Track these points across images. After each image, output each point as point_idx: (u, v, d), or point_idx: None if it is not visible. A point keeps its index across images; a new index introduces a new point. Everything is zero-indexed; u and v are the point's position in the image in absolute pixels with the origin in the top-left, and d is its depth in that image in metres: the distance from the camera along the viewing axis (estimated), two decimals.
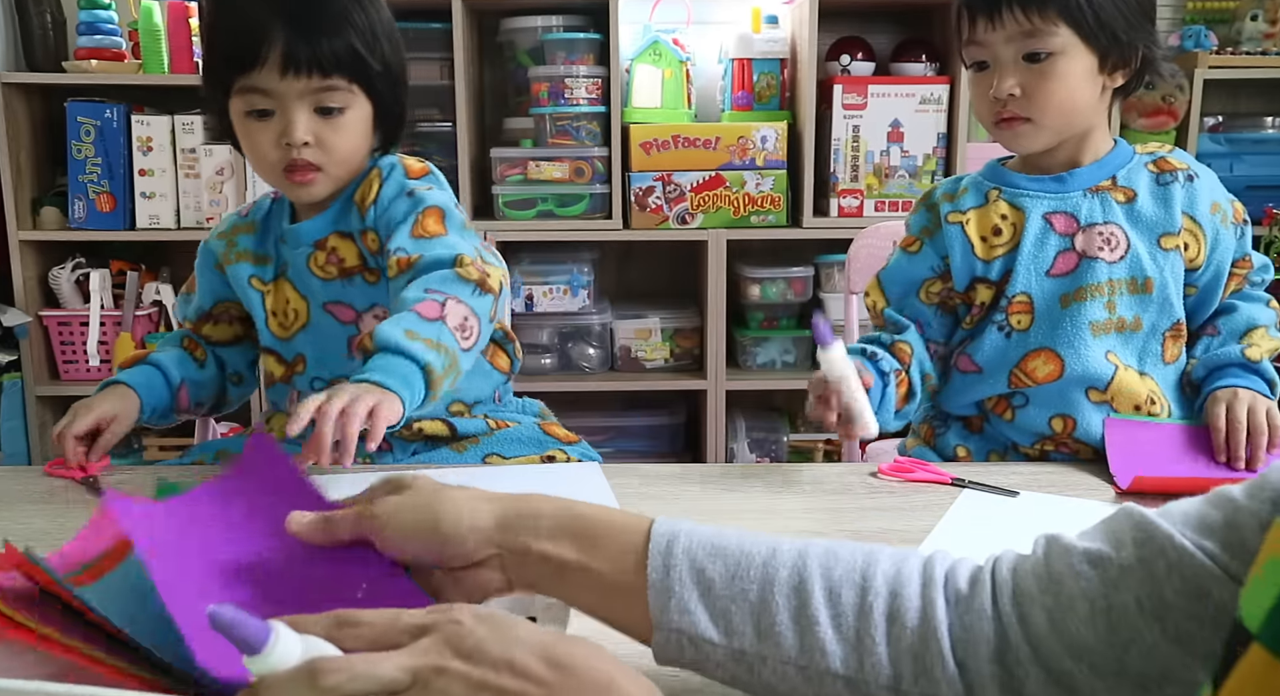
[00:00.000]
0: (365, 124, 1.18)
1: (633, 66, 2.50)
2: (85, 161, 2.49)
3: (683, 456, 2.62)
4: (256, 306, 1.24)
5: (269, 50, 1.10)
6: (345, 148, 1.16)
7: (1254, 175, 2.51)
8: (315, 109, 1.14)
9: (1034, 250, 1.21)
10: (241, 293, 1.26)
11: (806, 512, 1.01)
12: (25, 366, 2.53)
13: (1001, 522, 0.99)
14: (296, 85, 1.11)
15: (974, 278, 1.25)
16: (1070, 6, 1.14)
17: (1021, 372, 1.22)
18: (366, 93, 1.16)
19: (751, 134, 2.42)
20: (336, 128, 1.15)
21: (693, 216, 2.44)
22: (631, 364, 2.56)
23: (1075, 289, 1.20)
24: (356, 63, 1.13)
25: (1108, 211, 1.21)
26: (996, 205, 1.24)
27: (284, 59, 1.10)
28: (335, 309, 1.23)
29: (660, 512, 0.96)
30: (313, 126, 1.13)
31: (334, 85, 1.13)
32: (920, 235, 1.29)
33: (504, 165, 2.42)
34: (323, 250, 1.21)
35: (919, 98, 2.41)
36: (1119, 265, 1.20)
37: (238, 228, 1.28)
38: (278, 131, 1.13)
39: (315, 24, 1.11)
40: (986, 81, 1.19)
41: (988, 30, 1.16)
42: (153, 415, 1.20)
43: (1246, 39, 2.58)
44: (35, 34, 2.51)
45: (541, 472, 1.15)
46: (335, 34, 1.12)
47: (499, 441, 1.24)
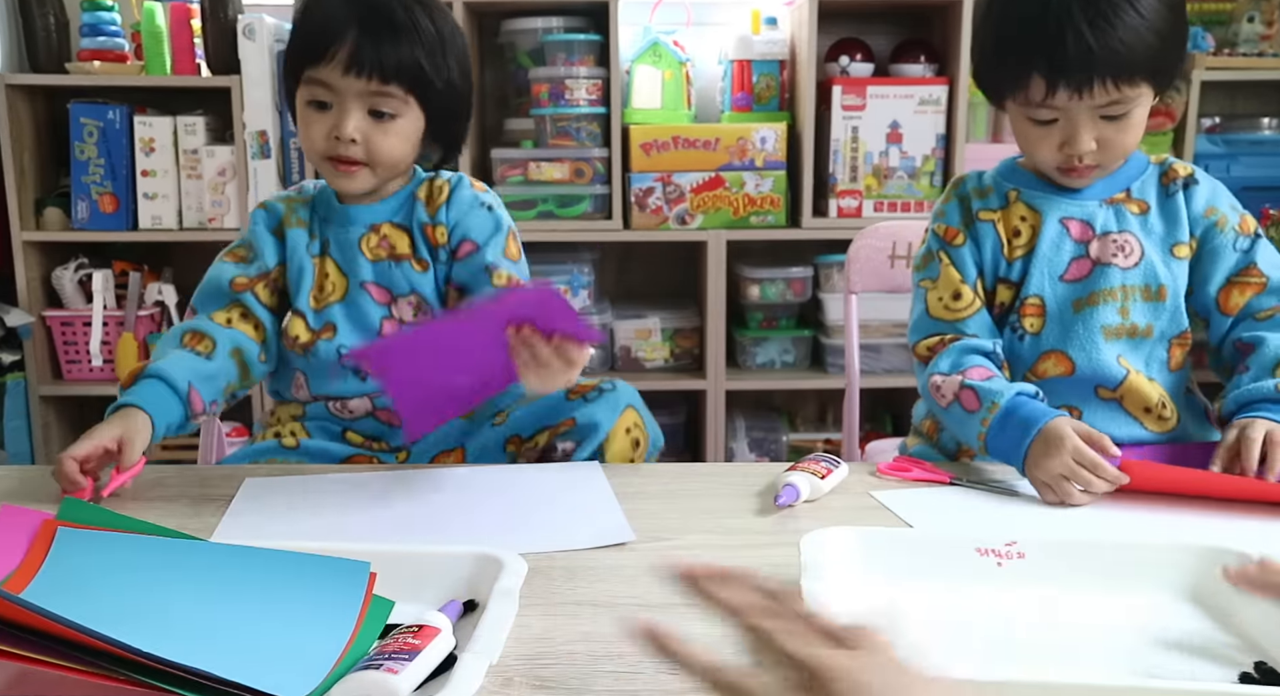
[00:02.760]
0: (415, 133, 1.23)
1: (633, 68, 2.51)
2: (88, 162, 2.50)
3: (683, 456, 2.63)
4: (307, 274, 1.28)
5: (338, 48, 1.16)
6: (390, 151, 1.21)
7: (1251, 176, 2.52)
8: (369, 111, 1.19)
9: (1050, 253, 1.21)
10: (297, 259, 1.29)
11: (807, 513, 1.01)
12: (28, 366, 2.54)
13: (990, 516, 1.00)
14: (356, 84, 1.17)
15: (998, 278, 1.25)
16: (1155, 68, 1.11)
17: (1033, 374, 1.22)
18: (421, 105, 1.21)
19: (751, 135, 2.43)
20: (385, 131, 1.20)
21: (693, 217, 2.45)
22: (631, 364, 2.57)
23: (1088, 294, 1.20)
24: (416, 74, 1.18)
25: (1122, 221, 1.21)
26: (1016, 207, 1.24)
27: (349, 58, 1.16)
28: (373, 289, 1.28)
29: (659, 512, 0.97)
30: (363, 126, 1.19)
31: (389, 91, 1.18)
32: (961, 228, 1.26)
33: (504, 166, 2.43)
34: (376, 233, 1.28)
35: (918, 99, 2.42)
36: (1133, 271, 1.20)
37: (293, 200, 1.32)
38: (330, 124, 1.19)
39: (385, 32, 1.16)
40: (1052, 135, 1.15)
41: (1072, 99, 1.10)
42: (169, 430, 1.16)
43: (1243, 40, 2.58)
44: (38, 35, 2.51)
45: (542, 472, 1.16)
46: (401, 44, 1.17)
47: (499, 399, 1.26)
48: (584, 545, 0.92)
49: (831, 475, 1.07)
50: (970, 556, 0.83)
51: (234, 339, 1.26)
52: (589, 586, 0.84)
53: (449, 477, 1.13)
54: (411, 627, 0.68)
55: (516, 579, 0.78)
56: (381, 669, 0.63)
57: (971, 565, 0.83)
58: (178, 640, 0.64)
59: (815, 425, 2.78)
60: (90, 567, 0.76)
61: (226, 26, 2.44)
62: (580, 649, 0.73)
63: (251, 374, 1.27)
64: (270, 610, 0.72)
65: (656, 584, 0.84)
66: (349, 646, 0.68)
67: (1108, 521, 0.99)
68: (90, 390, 2.54)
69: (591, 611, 0.79)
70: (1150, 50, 1.09)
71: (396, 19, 1.17)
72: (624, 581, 0.85)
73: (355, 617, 0.71)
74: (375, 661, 0.64)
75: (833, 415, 2.77)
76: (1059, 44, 1.08)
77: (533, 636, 0.75)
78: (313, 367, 1.28)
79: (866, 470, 1.14)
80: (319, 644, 0.68)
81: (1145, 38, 1.08)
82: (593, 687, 0.68)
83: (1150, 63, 1.10)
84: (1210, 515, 1.00)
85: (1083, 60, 1.08)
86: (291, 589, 0.73)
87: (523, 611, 0.77)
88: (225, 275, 1.29)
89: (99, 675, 0.61)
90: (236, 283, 1.28)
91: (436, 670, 0.66)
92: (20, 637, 0.61)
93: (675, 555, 0.90)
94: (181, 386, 1.18)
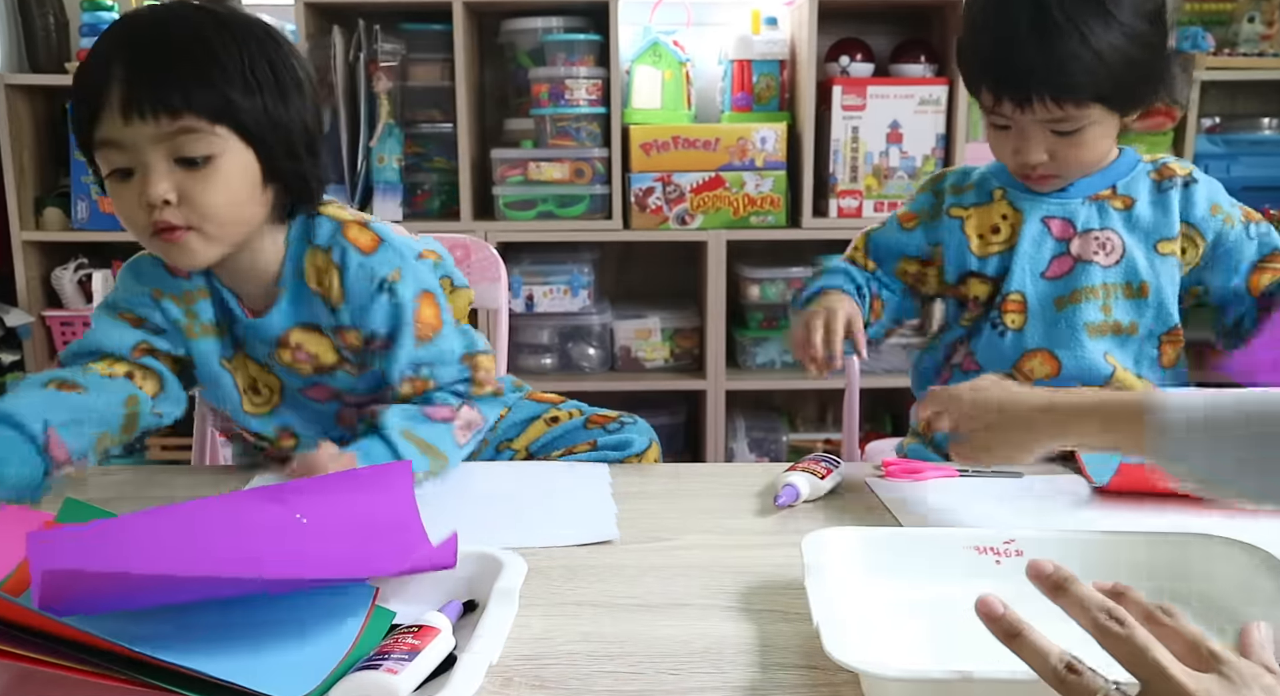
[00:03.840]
0: (247, 175, 1.01)
1: (633, 68, 2.50)
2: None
3: (683, 456, 2.63)
4: (228, 388, 1.13)
5: (109, 94, 0.95)
6: (217, 204, 0.99)
7: (1251, 176, 2.52)
8: (175, 160, 0.97)
9: (1031, 251, 1.23)
10: (209, 375, 1.13)
11: (807, 513, 1.01)
12: (28, 367, 2.53)
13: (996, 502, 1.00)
14: (145, 130, 0.95)
15: (967, 272, 1.27)
16: (1103, 92, 1.11)
17: (1019, 372, 1.24)
18: (243, 138, 0.99)
19: (751, 135, 2.43)
20: (204, 180, 0.98)
21: (693, 217, 2.45)
22: (631, 364, 2.56)
23: (1070, 291, 1.22)
24: (218, 100, 0.97)
25: (1105, 218, 1.23)
26: (999, 204, 1.26)
27: (123, 100, 0.95)
28: (313, 391, 1.16)
29: (659, 512, 0.97)
30: (175, 181, 0.97)
31: (189, 126, 0.96)
32: (920, 215, 1.32)
33: (504, 166, 2.43)
34: (286, 348, 1.11)
35: (918, 99, 2.42)
36: (1113, 269, 1.22)
37: (192, 295, 1.10)
38: (137, 191, 0.97)
39: (160, 59, 0.96)
40: (1009, 140, 1.17)
41: (1016, 112, 1.13)
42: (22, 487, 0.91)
43: (1244, 40, 2.58)
44: (38, 35, 2.51)
45: (548, 470, 1.16)
46: (185, 69, 0.96)
47: (502, 431, 1.25)
48: (567, 542, 0.92)
49: (831, 475, 1.06)
50: (969, 555, 0.84)
51: (118, 389, 1.06)
52: (589, 586, 0.84)
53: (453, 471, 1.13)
54: (411, 628, 0.68)
55: (516, 579, 0.77)
56: (381, 669, 0.63)
57: (971, 563, 0.83)
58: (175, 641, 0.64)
59: (815, 425, 2.77)
60: None
61: None
62: (580, 649, 0.73)
63: (138, 426, 1.07)
64: (272, 618, 0.71)
65: (657, 584, 0.84)
66: (348, 653, 0.68)
67: (1108, 520, 0.99)
68: None
69: (592, 611, 0.79)
70: (1096, 75, 1.09)
71: (173, 43, 0.97)
72: (624, 581, 0.85)
73: (357, 629, 0.71)
74: (375, 662, 0.64)
75: (833, 415, 2.77)
76: (1003, 58, 1.11)
77: (533, 636, 0.75)
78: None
79: (867, 470, 1.14)
80: (318, 650, 0.68)
81: (1089, 62, 1.08)
82: (593, 688, 0.68)
83: (1099, 86, 1.10)
84: (1210, 514, 1.00)
85: (1022, 77, 1.10)
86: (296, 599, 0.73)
87: (523, 611, 0.77)
88: (120, 341, 1.08)
89: (99, 675, 0.61)
90: (138, 348, 1.09)
91: (436, 670, 0.66)
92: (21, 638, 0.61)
93: (676, 555, 0.90)
94: (36, 431, 0.95)
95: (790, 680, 0.69)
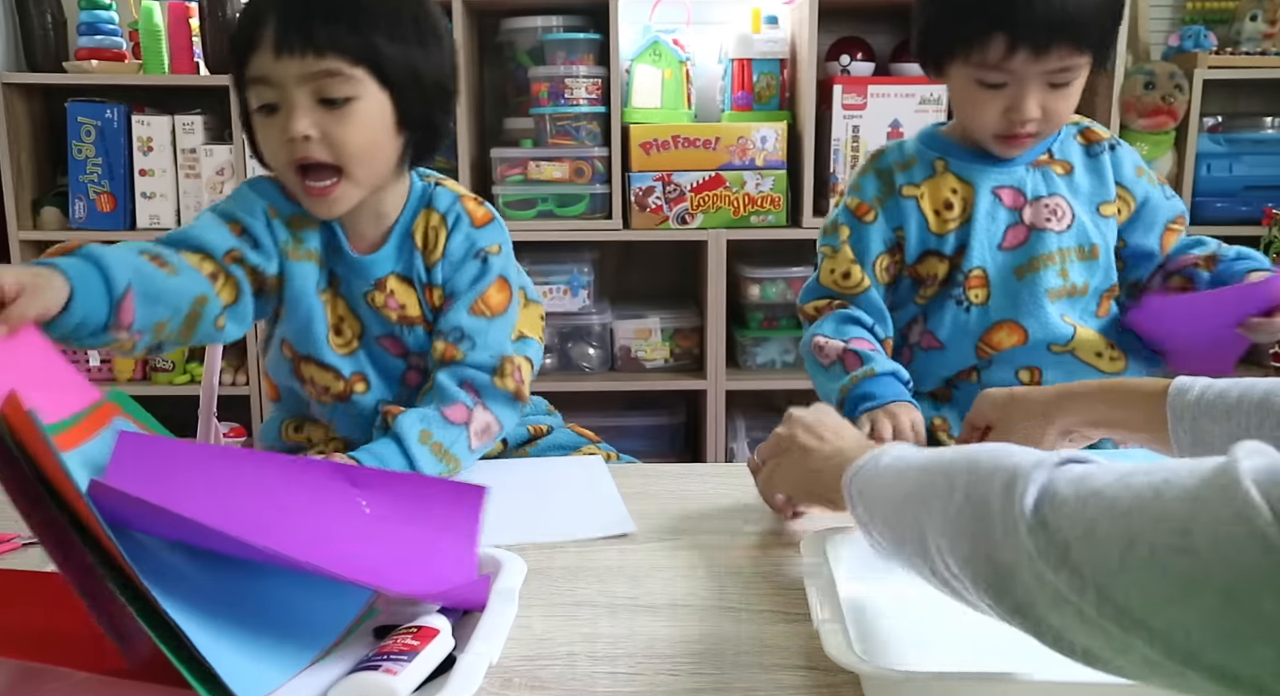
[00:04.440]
0: (383, 120, 1.07)
1: (633, 67, 2.50)
2: (86, 162, 2.49)
3: (683, 456, 2.63)
4: (319, 318, 1.14)
5: (264, 31, 1.03)
6: (354, 142, 1.05)
7: (1253, 175, 2.52)
8: (319, 100, 1.04)
9: (986, 224, 1.26)
10: (301, 297, 1.13)
11: (807, 513, 1.01)
12: None
13: None
14: (292, 67, 1.02)
15: (926, 250, 1.28)
16: (1100, 41, 1.16)
17: (986, 345, 1.26)
18: (381, 82, 1.06)
19: (751, 134, 2.42)
20: (343, 119, 1.05)
21: (693, 216, 2.44)
22: (631, 364, 2.56)
23: (1028, 260, 1.25)
24: (361, 45, 1.04)
25: (1050, 184, 1.27)
26: (945, 178, 1.27)
27: (277, 37, 1.02)
28: (388, 343, 1.18)
29: (660, 512, 0.97)
30: (316, 119, 1.04)
31: (333, 68, 1.03)
32: (874, 204, 1.28)
33: (504, 165, 2.43)
34: (382, 291, 1.15)
35: (918, 98, 2.41)
36: (1067, 234, 1.26)
37: (303, 221, 1.14)
38: (281, 126, 1.05)
39: (312, 2, 1.04)
40: (998, 100, 1.18)
41: (1028, 62, 1.14)
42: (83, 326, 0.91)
43: (1246, 39, 2.58)
44: (36, 34, 2.51)
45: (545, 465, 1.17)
46: (334, 12, 1.03)
47: (542, 450, 1.27)
48: (585, 536, 0.92)
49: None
50: None
51: (199, 284, 1.05)
52: (589, 587, 0.83)
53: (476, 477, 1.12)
54: (411, 628, 0.67)
55: (516, 579, 0.77)
56: (380, 670, 0.63)
57: None
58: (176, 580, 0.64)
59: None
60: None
61: (225, 25, 2.44)
62: (580, 650, 0.73)
63: (198, 330, 1.06)
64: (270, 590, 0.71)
65: (657, 584, 0.84)
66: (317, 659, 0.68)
67: None
68: None
69: (591, 612, 0.79)
70: (1100, 21, 1.15)
71: None
72: (624, 582, 0.84)
73: (341, 630, 0.70)
74: (374, 662, 0.64)
75: None
76: (1026, 5, 1.12)
77: (533, 637, 0.74)
78: (342, 416, 1.19)
79: None
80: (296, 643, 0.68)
81: (1098, 8, 1.14)
82: (592, 689, 0.67)
83: (1099, 33, 1.16)
84: None
85: (1047, 23, 1.12)
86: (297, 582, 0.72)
87: (522, 612, 0.76)
88: (219, 241, 1.09)
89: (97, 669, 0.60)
90: (230, 254, 1.10)
91: (436, 671, 0.66)
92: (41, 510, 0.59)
93: (676, 555, 0.90)
94: (118, 284, 0.94)
95: (790, 680, 0.68)
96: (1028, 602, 0.53)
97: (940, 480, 0.62)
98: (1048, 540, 0.51)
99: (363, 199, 1.11)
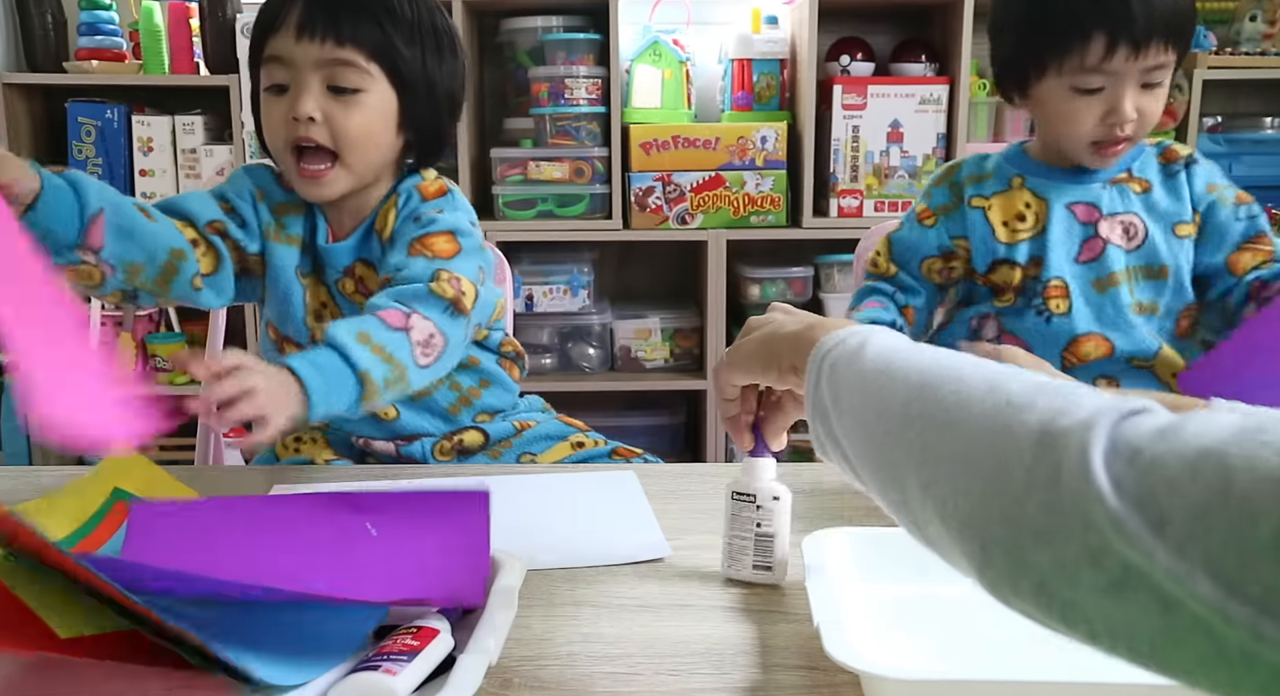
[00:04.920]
0: (385, 116, 1.11)
1: (633, 67, 2.50)
2: (86, 162, 2.49)
3: (683, 456, 2.62)
4: (297, 300, 1.17)
5: (289, 12, 1.08)
6: (358, 130, 1.09)
7: (1253, 175, 2.51)
8: (329, 86, 1.08)
9: (1062, 237, 1.26)
10: (280, 275, 1.16)
11: (807, 512, 1.01)
12: None
13: None
14: (310, 51, 1.07)
15: (995, 260, 1.29)
16: (1187, 37, 1.18)
17: (1072, 355, 1.26)
18: (392, 82, 1.10)
19: (751, 134, 2.42)
20: (348, 107, 1.08)
21: (693, 216, 2.44)
22: (631, 364, 2.56)
23: (1107, 274, 1.25)
24: (380, 42, 1.08)
25: (1127, 202, 1.26)
26: (1020, 192, 1.29)
27: (300, 20, 1.07)
28: None
29: (660, 512, 0.96)
30: (323, 103, 1.08)
31: (349, 58, 1.07)
32: (938, 212, 1.33)
33: (504, 165, 2.43)
34: (351, 277, 1.17)
35: (919, 98, 2.41)
36: (1135, 254, 1.25)
37: (287, 208, 1.18)
38: (288, 106, 1.08)
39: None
40: (1095, 105, 1.18)
41: (1128, 60, 1.15)
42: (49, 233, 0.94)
43: (1246, 39, 2.58)
44: (36, 34, 2.51)
45: (576, 478, 1.12)
46: (363, 6, 1.08)
47: (527, 441, 1.27)
48: (619, 560, 0.88)
49: None
50: None
51: (176, 238, 1.08)
52: (588, 587, 0.83)
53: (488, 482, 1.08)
54: (410, 628, 0.67)
55: (516, 579, 0.77)
56: (380, 670, 0.63)
57: None
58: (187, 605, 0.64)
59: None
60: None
61: (225, 25, 2.44)
62: (580, 650, 0.73)
63: (174, 285, 1.08)
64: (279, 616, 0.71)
65: (657, 585, 0.84)
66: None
67: None
68: None
69: (591, 612, 0.79)
70: (1188, 15, 1.17)
71: None
72: (624, 582, 0.84)
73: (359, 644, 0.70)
74: (374, 662, 0.64)
75: None
76: (1122, 3, 1.13)
77: (532, 637, 0.74)
78: None
79: None
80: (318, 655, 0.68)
81: (1184, 3, 1.16)
82: (592, 689, 0.67)
83: (1188, 28, 1.18)
84: None
85: (1145, 18, 1.13)
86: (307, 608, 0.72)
87: (522, 612, 0.76)
88: (203, 211, 1.12)
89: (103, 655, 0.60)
90: (213, 225, 1.12)
91: (436, 671, 0.65)
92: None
93: (676, 556, 0.90)
94: (90, 204, 0.98)
95: (791, 681, 0.68)
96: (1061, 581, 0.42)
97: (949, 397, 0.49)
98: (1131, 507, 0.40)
99: (351, 189, 1.13)
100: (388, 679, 0.62)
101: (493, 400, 1.27)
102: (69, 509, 0.86)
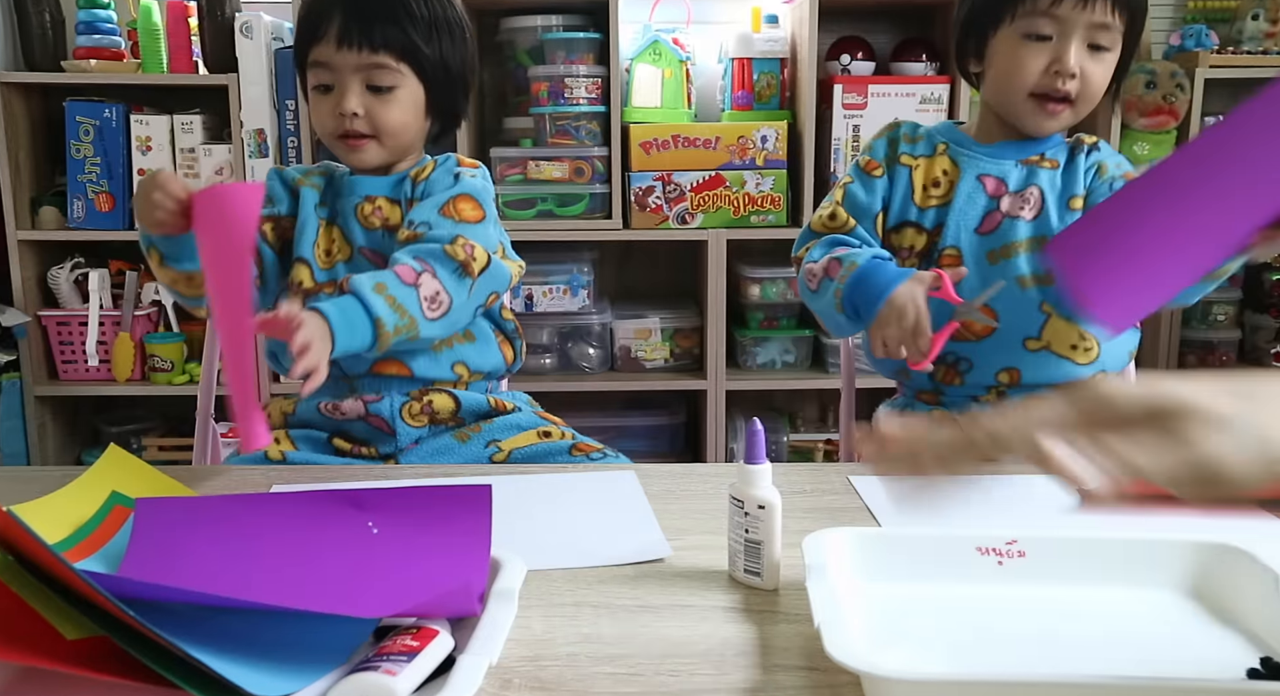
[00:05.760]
0: (416, 104, 1.30)
1: (633, 66, 2.50)
2: (84, 161, 2.49)
3: (683, 456, 2.62)
4: (310, 231, 1.32)
5: (329, 26, 1.25)
6: (394, 120, 1.28)
7: None
8: (368, 86, 1.27)
9: (964, 206, 1.31)
10: (305, 212, 1.33)
11: (807, 512, 1.01)
12: (24, 366, 2.52)
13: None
14: (350, 58, 1.25)
15: (905, 221, 1.34)
16: (1135, 16, 1.24)
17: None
18: (419, 76, 1.28)
19: (751, 134, 2.42)
20: (386, 103, 1.28)
21: (693, 216, 2.44)
22: (631, 364, 2.56)
23: (1001, 246, 1.30)
24: (406, 45, 1.26)
25: (1033, 177, 1.32)
26: (941, 159, 1.35)
27: (340, 32, 1.25)
28: (369, 255, 1.32)
29: (660, 512, 0.96)
30: (364, 101, 1.27)
31: (382, 62, 1.26)
32: (881, 163, 1.37)
33: (504, 165, 2.42)
34: (371, 203, 1.33)
35: (919, 97, 2.41)
36: (1033, 223, 1.30)
37: (310, 172, 1.38)
38: (334, 103, 1.27)
39: (372, 5, 1.26)
40: (1042, 54, 1.24)
41: (1075, 8, 1.21)
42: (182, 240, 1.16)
43: (1248, 38, 2.58)
44: (34, 33, 2.50)
45: (576, 478, 1.12)
46: (388, 16, 1.26)
47: (497, 429, 1.31)
48: (619, 561, 0.88)
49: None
50: (971, 555, 0.83)
51: None
52: (588, 588, 0.83)
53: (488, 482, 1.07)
54: (410, 629, 0.67)
55: (516, 580, 0.77)
56: (379, 670, 0.62)
57: (972, 564, 0.82)
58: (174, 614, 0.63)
59: (816, 425, 2.77)
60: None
61: (224, 24, 2.44)
62: (580, 650, 0.72)
63: None
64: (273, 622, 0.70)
65: (657, 585, 0.84)
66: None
67: (1108, 519, 0.98)
68: (86, 390, 2.53)
69: (592, 613, 0.78)
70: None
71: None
72: (624, 582, 0.84)
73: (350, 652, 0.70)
74: (373, 663, 0.63)
75: (833, 415, 2.76)
76: None
77: (532, 638, 0.74)
78: None
79: (864, 471, 1.13)
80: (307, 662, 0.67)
81: None
82: (592, 690, 0.67)
83: (1138, 6, 1.24)
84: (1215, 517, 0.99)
85: None
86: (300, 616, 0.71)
87: (522, 612, 0.76)
88: None
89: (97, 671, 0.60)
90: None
91: (436, 671, 0.65)
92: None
93: (676, 556, 0.89)
94: None
95: (791, 681, 0.68)
96: None
97: None
98: None
99: (385, 162, 1.34)
100: (388, 679, 0.62)
101: (471, 354, 1.33)
102: (67, 511, 0.86)
